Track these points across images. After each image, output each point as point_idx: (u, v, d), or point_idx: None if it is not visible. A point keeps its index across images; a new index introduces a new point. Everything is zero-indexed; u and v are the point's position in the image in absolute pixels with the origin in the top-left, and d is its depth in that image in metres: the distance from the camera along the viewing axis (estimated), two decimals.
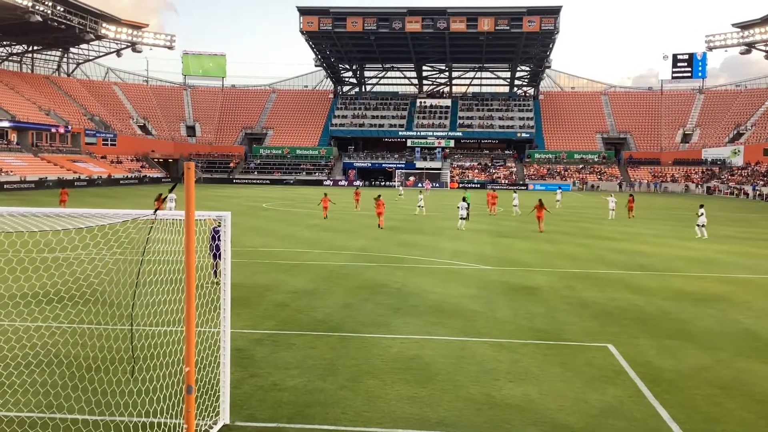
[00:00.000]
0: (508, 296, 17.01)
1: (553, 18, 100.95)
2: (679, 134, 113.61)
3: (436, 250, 26.02)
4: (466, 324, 14.00)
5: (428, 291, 17.49)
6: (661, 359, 11.57)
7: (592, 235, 32.60)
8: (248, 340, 12.30)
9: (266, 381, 10.15)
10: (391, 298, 16.45)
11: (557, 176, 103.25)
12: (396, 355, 11.58)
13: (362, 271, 20.70)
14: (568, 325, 13.99)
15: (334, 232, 31.94)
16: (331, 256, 23.96)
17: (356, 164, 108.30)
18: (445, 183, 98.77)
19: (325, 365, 10.96)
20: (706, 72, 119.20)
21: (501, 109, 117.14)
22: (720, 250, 27.76)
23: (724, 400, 9.58)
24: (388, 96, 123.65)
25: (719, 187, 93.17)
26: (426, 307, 15.50)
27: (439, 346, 12.26)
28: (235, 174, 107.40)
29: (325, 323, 13.85)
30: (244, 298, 15.83)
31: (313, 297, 16.46)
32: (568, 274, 20.79)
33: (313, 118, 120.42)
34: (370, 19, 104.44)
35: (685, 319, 14.75)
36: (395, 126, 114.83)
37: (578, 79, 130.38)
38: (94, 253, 20.08)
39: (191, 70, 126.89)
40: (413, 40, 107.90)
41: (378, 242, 28.30)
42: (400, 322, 14.09)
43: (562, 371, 10.80)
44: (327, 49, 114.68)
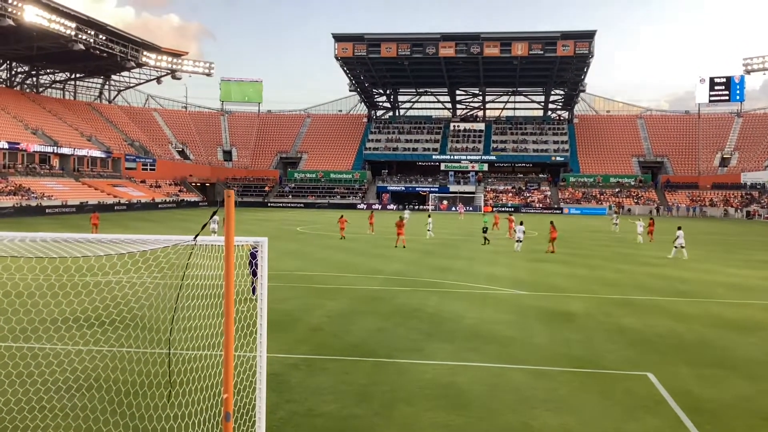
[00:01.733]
0: (544, 322, 16.83)
1: (588, 42, 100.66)
2: (717, 158, 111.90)
3: (470, 275, 25.88)
4: (501, 350, 13.88)
5: (463, 316, 17.39)
6: (701, 388, 11.32)
7: (630, 261, 32.14)
8: (283, 365, 12.34)
9: (302, 407, 10.16)
10: (425, 323, 16.39)
11: (593, 200, 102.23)
12: (430, 382, 11.51)
13: (396, 295, 20.67)
14: (606, 353, 13.78)
15: (368, 256, 31.99)
16: (366, 279, 23.99)
17: (390, 188, 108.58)
18: (479, 207, 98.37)
19: (359, 391, 10.94)
20: (744, 95, 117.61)
21: (535, 133, 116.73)
22: (761, 276, 27.16)
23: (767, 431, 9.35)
24: (422, 120, 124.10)
25: (759, 212, 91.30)
26: (460, 333, 15.41)
27: (474, 372, 12.16)
28: (270, 197, 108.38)
29: (359, 348, 13.84)
30: (280, 322, 15.90)
31: (348, 321, 16.48)
32: (606, 299, 20.52)
33: (348, 142, 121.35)
34: (404, 45, 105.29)
35: (727, 347, 14.44)
36: (429, 150, 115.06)
37: (614, 103, 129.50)
38: (135, 278, 20.40)
39: (229, 96, 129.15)
40: (447, 65, 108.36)
41: (412, 266, 28.26)
42: (435, 347, 14.02)
43: (600, 400, 10.63)
44: (361, 75, 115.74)
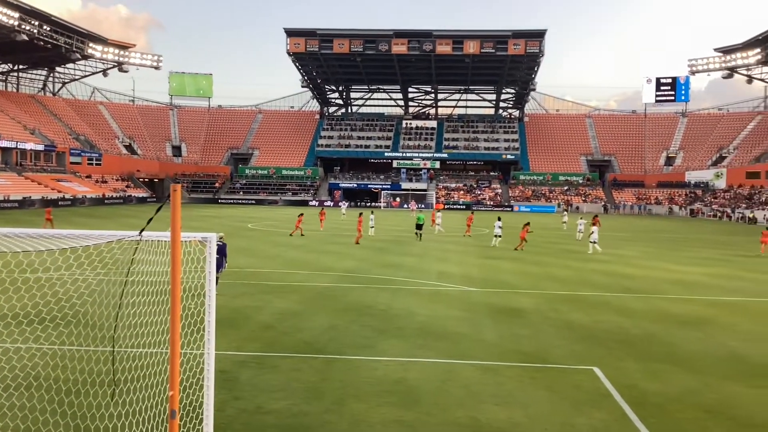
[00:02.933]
0: (494, 318, 16.97)
1: (538, 41, 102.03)
2: (663, 157, 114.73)
3: (422, 272, 25.97)
4: (451, 346, 13.94)
5: (414, 313, 17.42)
6: (647, 382, 11.55)
7: (578, 257, 32.69)
8: (233, 362, 12.17)
9: (251, 404, 10.04)
10: (377, 320, 16.37)
11: (542, 198, 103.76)
12: (381, 378, 11.50)
13: (348, 292, 20.61)
14: (554, 348, 13.96)
15: (320, 253, 31.84)
16: (318, 277, 23.86)
17: (342, 185, 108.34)
18: (431, 204, 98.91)
19: (310, 388, 10.86)
20: (689, 95, 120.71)
21: (486, 131, 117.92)
22: (705, 272, 27.92)
23: (711, 424, 9.57)
24: (374, 117, 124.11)
25: (702, 210, 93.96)
26: (412, 329, 15.43)
27: (424, 368, 12.19)
28: (220, 194, 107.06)
29: (311, 345, 13.74)
30: (230, 320, 15.71)
31: (299, 318, 16.36)
32: (555, 296, 20.81)
33: (300, 138, 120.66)
34: (357, 41, 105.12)
35: (672, 342, 14.77)
36: (381, 147, 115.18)
37: (564, 102, 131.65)
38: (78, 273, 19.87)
39: (178, 89, 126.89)
40: (399, 62, 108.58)
41: (364, 263, 28.22)
42: (386, 344, 14.01)
43: (548, 394, 10.76)
44: (313, 71, 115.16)
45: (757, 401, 10.65)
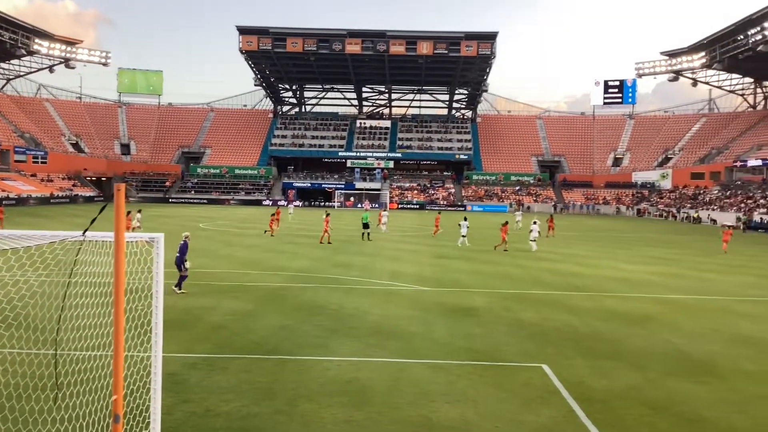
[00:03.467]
0: (446, 317, 17.08)
1: (490, 43, 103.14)
2: (611, 158, 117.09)
3: (375, 271, 25.99)
4: (404, 345, 13.98)
5: (367, 312, 17.42)
6: (594, 379, 11.77)
7: (529, 257, 33.12)
8: (182, 365, 11.99)
9: (200, 407, 9.90)
10: (329, 320, 16.32)
11: (495, 198, 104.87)
12: (333, 378, 11.46)
13: (300, 292, 20.51)
14: (504, 346, 14.12)
15: (273, 253, 31.61)
16: (270, 277, 23.68)
17: (296, 184, 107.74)
18: (385, 204, 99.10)
19: (261, 389, 10.76)
20: (636, 98, 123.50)
21: (440, 131, 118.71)
22: (650, 271, 28.57)
23: (655, 420, 9.79)
24: (328, 117, 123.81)
25: (649, 210, 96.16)
26: (364, 329, 15.43)
27: (376, 368, 12.20)
28: (171, 193, 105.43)
29: (262, 346, 13.63)
30: (179, 321, 15.48)
31: (251, 319, 16.20)
32: (506, 294, 21.04)
33: (253, 137, 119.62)
34: (311, 40, 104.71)
35: (618, 339, 15.08)
36: (335, 146, 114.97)
37: (515, 103, 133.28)
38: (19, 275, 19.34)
39: (127, 86, 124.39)
40: (353, 62, 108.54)
41: (318, 263, 28.12)
42: (338, 343, 13.98)
43: (498, 392, 10.87)
44: (267, 69, 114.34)
45: (699, 396, 10.93)
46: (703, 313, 18.75)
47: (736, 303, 20.69)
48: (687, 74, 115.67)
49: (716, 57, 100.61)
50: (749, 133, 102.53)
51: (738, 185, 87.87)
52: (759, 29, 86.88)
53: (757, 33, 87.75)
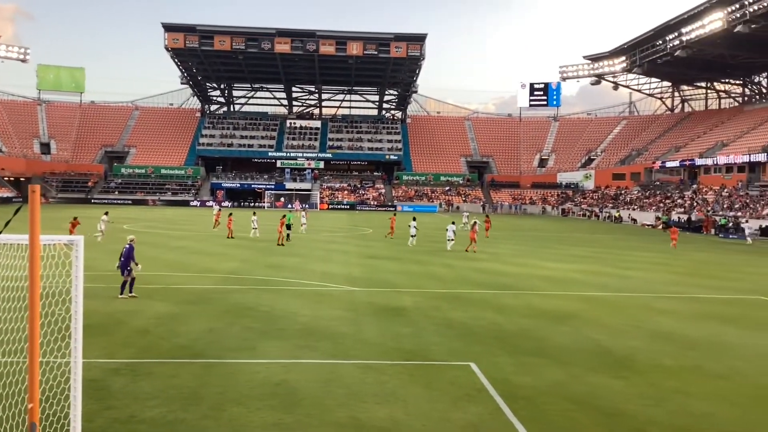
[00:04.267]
0: (376, 317, 17.14)
1: (419, 45, 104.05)
2: (537, 159, 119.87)
3: (305, 272, 25.87)
4: (334, 346, 13.97)
5: (297, 314, 17.32)
6: (519, 376, 12.02)
7: (458, 256, 33.55)
8: (104, 370, 11.66)
9: (123, 413, 9.65)
10: (259, 322, 16.16)
11: (425, 198, 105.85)
12: (262, 381, 11.35)
13: (229, 294, 20.23)
14: (433, 345, 14.27)
15: (201, 255, 31.07)
16: (198, 279, 23.27)
17: (224, 185, 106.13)
18: (315, 204, 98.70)
19: (187, 394, 10.56)
20: (560, 100, 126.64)
21: (370, 132, 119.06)
22: (574, 269, 29.38)
23: (577, 415, 10.08)
24: (258, 116, 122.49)
25: (573, 210, 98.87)
26: (294, 330, 15.34)
27: (306, 369, 12.15)
28: (94, 194, 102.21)
29: (189, 349, 13.38)
30: (101, 325, 15.04)
31: (177, 322, 15.88)
32: (435, 294, 21.26)
33: (179, 137, 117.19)
34: (239, 39, 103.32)
35: (543, 336, 15.44)
36: (265, 147, 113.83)
37: (444, 105, 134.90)
38: None
39: (47, 83, 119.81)
40: (283, 61, 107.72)
41: (247, 264, 27.80)
42: (268, 346, 13.86)
43: (427, 391, 10.98)
44: (193, 67, 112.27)
45: (620, 391, 11.31)
46: (625, 309, 19.40)
47: (656, 300, 21.48)
48: (609, 78, 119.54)
49: (636, 61, 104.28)
50: (667, 135, 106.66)
51: (657, 186, 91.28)
52: (676, 35, 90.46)
53: (674, 38, 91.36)
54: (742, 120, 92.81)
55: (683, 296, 22.55)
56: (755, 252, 42.62)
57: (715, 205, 71.47)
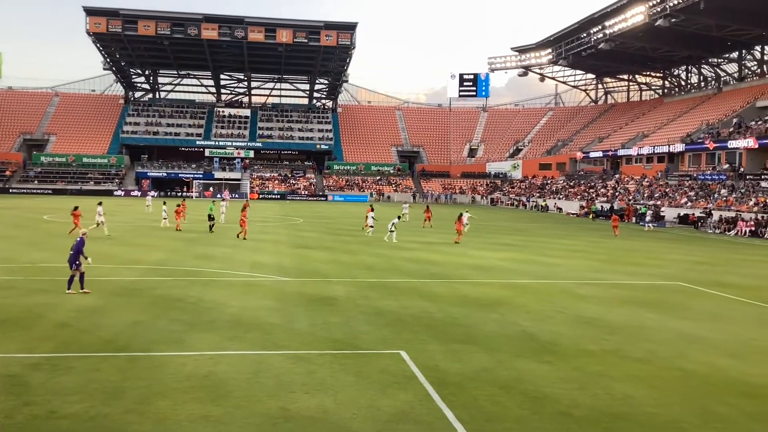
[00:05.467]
0: (306, 307, 17.07)
1: (350, 33, 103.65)
2: (466, 149, 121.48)
3: (234, 262, 25.53)
4: (263, 337, 13.85)
5: (225, 305, 17.08)
6: (448, 363, 12.19)
7: (388, 246, 33.70)
8: (22, 366, 11.23)
9: (43, 409, 9.33)
10: (186, 314, 15.86)
11: (355, 188, 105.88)
12: (189, 374, 11.15)
13: (156, 285, 19.77)
14: (363, 334, 14.32)
15: (127, 246, 30.25)
16: (123, 270, 22.66)
17: (150, 174, 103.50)
18: (245, 194, 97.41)
19: (111, 388, 10.28)
20: (489, 91, 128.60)
21: (301, 121, 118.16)
22: (501, 257, 29.93)
23: (504, 399, 10.29)
24: (185, 104, 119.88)
25: (501, 199, 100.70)
26: (223, 322, 15.13)
27: (235, 361, 12.00)
28: (11, 183, 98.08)
29: (113, 343, 13.03)
30: (19, 319, 14.50)
31: (100, 315, 15.42)
32: (365, 283, 21.31)
33: (102, 124, 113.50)
34: (164, 24, 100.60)
35: (471, 323, 15.69)
36: (192, 135, 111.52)
37: (376, 94, 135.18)
38: None
39: None
40: (210, 48, 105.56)
41: (175, 255, 27.24)
42: (195, 338, 13.62)
43: (356, 380, 11.01)
44: (117, 53, 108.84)
45: (544, 375, 11.60)
46: (549, 296, 19.90)
47: (579, 286, 22.10)
48: (535, 70, 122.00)
49: (562, 54, 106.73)
50: (591, 126, 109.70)
51: (581, 175, 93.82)
52: (600, 28, 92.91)
53: (598, 32, 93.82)
54: (662, 112, 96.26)
55: (605, 282, 23.29)
56: (675, 239, 44.35)
57: (636, 194, 73.99)
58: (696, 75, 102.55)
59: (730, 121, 73.85)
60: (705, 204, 60.83)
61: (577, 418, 9.54)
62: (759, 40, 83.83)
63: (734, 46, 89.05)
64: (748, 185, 61.09)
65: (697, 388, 11.14)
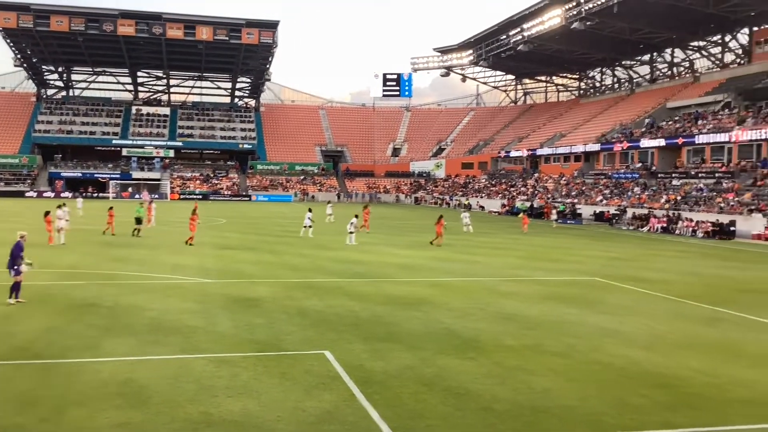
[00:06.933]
0: (229, 309, 16.82)
1: (272, 32, 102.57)
2: (390, 148, 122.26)
3: (154, 265, 24.92)
4: (185, 340, 13.56)
5: (145, 308, 16.65)
6: (372, 362, 12.24)
7: (313, 245, 33.58)
8: None
9: None
10: (103, 319, 15.38)
11: (280, 187, 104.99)
12: (107, 380, 10.82)
13: (70, 290, 19.10)
14: (287, 335, 14.22)
15: (39, 248, 28.99)
16: (35, 275, 21.68)
17: (64, 174, 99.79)
18: (165, 194, 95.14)
19: (23, 398, 9.87)
20: (412, 91, 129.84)
21: (223, 120, 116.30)
22: (426, 256, 30.26)
23: (427, 396, 10.41)
24: (101, 102, 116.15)
25: (425, 198, 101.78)
26: (142, 326, 14.74)
27: (155, 366, 11.71)
28: None
29: (26, 350, 12.51)
30: None
31: (12, 322, 14.77)
32: (290, 284, 21.17)
33: (13, 123, 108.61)
34: (78, 20, 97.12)
35: (395, 322, 15.80)
36: (109, 134, 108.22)
37: (300, 93, 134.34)
38: None
39: None
40: (127, 44, 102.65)
41: (89, 258, 26.37)
42: (113, 343, 13.22)
43: (281, 381, 10.93)
44: (28, 49, 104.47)
45: (466, 371, 11.79)
46: (471, 293, 20.24)
47: (500, 283, 22.57)
48: (457, 70, 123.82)
49: (482, 55, 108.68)
50: (511, 126, 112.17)
51: (502, 174, 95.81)
52: (519, 30, 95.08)
53: (517, 34, 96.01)
54: (578, 112, 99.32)
55: (526, 279, 23.87)
56: (592, 236, 45.85)
57: (555, 192, 76.10)
58: (610, 77, 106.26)
59: (643, 121, 76.88)
60: (619, 201, 63.15)
61: (498, 413, 9.74)
62: (669, 43, 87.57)
63: (646, 48, 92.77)
64: (659, 183, 63.74)
65: (613, 380, 11.54)
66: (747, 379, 11.74)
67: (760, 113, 60.65)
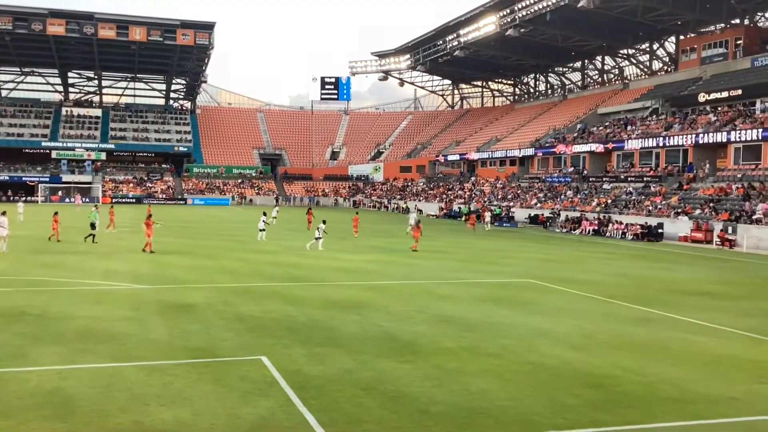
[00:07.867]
0: (163, 315, 16.47)
1: (208, 33, 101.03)
2: (329, 151, 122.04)
3: (85, 271, 24.21)
4: (116, 348, 13.20)
5: (74, 316, 16.14)
6: (310, 366, 12.15)
7: (251, 249, 33.21)
8: None
9: None
10: (30, 327, 14.84)
11: (216, 191, 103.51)
12: (33, 390, 10.44)
13: None
14: (223, 341, 14.00)
15: None
16: None
17: None
18: (97, 198, 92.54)
19: None
20: (350, 95, 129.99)
21: (157, 122, 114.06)
22: (365, 260, 30.27)
23: (365, 400, 10.39)
24: (29, 103, 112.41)
25: (364, 201, 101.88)
26: (72, 334, 14.29)
27: (84, 375, 11.36)
28: None
29: None
30: None
31: None
32: (226, 288, 20.89)
33: None
34: (5, 18, 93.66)
35: (333, 326, 15.74)
36: (37, 136, 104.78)
37: (237, 96, 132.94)
38: None
39: None
40: (57, 44, 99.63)
41: (16, 264, 25.43)
42: (40, 352, 12.78)
43: (215, 389, 10.74)
44: None
45: (405, 375, 11.82)
46: (410, 296, 20.33)
47: (439, 286, 22.75)
48: (395, 74, 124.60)
49: (420, 60, 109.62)
50: (448, 130, 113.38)
51: (440, 178, 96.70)
52: (455, 36, 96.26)
53: (453, 39, 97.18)
54: (513, 117, 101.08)
55: (464, 281, 24.13)
56: (527, 239, 46.68)
57: (491, 195, 77.22)
58: (544, 83, 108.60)
59: (575, 126, 78.79)
60: (553, 205, 64.50)
61: (434, 415, 9.79)
62: (600, 50, 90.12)
63: (578, 56, 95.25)
64: (591, 187, 65.39)
65: (546, 380, 11.75)
66: (674, 377, 12.13)
67: (686, 119, 62.90)
